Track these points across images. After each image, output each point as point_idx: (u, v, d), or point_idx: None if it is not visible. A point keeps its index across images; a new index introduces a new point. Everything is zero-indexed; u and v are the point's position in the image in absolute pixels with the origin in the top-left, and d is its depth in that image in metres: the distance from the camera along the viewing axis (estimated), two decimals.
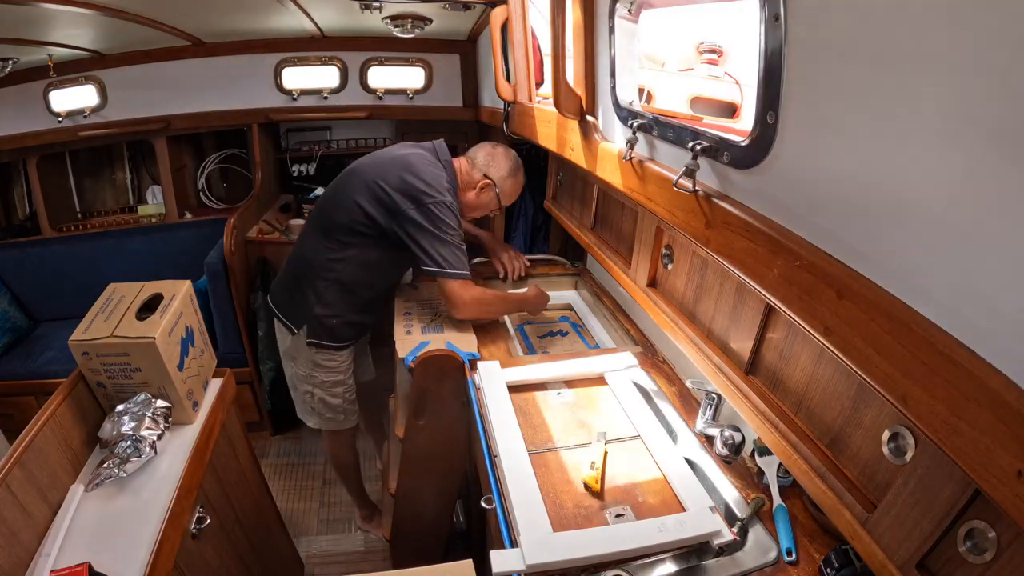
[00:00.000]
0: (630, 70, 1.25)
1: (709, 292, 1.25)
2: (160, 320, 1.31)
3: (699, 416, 1.36)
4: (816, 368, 0.94)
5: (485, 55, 2.60)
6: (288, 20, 2.43)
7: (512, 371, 1.54)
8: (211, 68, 2.76)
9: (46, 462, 1.14)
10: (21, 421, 1.15)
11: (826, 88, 0.69)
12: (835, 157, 0.70)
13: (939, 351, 0.58)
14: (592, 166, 1.43)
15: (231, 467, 1.59)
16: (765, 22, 0.73)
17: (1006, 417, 0.52)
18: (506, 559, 0.99)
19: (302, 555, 2.21)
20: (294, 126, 3.31)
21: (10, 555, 0.99)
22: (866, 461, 0.84)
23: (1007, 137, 0.49)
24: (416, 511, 1.88)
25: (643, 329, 1.83)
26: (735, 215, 0.89)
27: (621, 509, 1.15)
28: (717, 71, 1.50)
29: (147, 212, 3.14)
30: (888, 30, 0.59)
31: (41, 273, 2.85)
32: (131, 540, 1.09)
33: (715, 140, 0.92)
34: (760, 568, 1.03)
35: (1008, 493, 0.52)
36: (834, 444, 0.91)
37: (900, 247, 0.63)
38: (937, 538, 0.69)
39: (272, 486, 2.04)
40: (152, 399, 1.31)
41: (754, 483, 1.22)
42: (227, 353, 2.62)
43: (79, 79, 2.63)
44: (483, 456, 1.33)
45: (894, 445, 0.77)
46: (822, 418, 0.93)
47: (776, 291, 0.83)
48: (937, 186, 0.57)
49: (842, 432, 0.89)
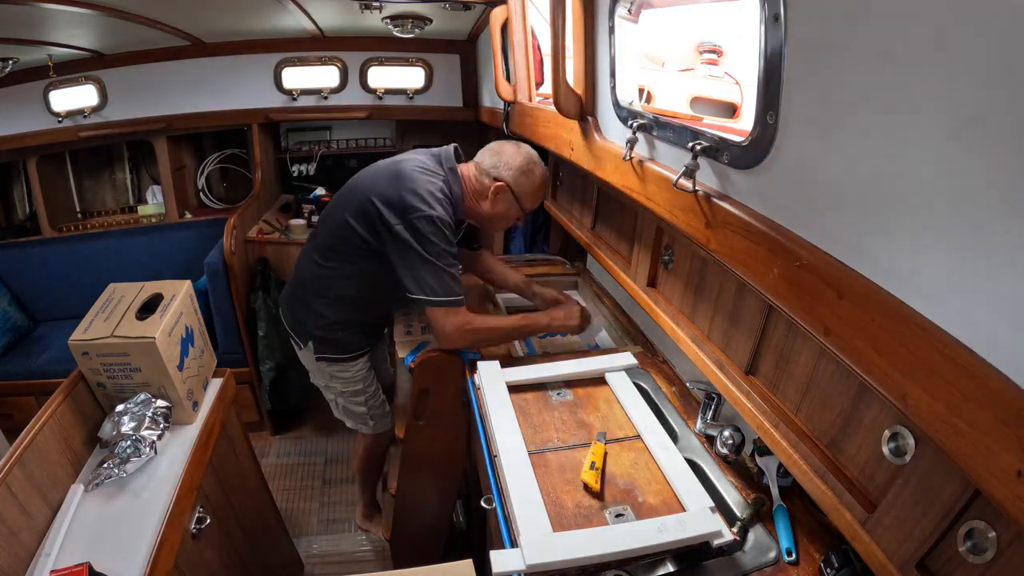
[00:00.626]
0: (630, 70, 1.25)
1: (709, 292, 1.25)
2: (160, 320, 1.31)
3: (699, 416, 1.36)
4: (816, 368, 0.94)
5: (485, 55, 2.60)
6: (288, 20, 2.43)
7: (512, 371, 1.54)
8: (211, 68, 2.76)
9: (46, 462, 1.14)
10: (21, 421, 1.15)
11: (826, 88, 0.69)
12: (835, 157, 0.70)
13: (939, 351, 0.58)
14: (592, 166, 1.43)
15: (231, 467, 1.59)
16: (765, 22, 0.73)
17: (1006, 417, 0.52)
18: (506, 559, 0.99)
19: (302, 555, 2.21)
20: (294, 126, 3.32)
21: (10, 555, 0.99)
22: (866, 461, 0.84)
23: (1008, 136, 0.49)
24: (416, 511, 1.88)
25: (643, 329, 1.83)
26: (735, 215, 0.89)
27: (621, 509, 1.15)
28: (717, 71, 1.50)
29: (147, 212, 3.14)
30: (888, 30, 0.59)
31: (41, 273, 2.85)
32: (131, 540, 1.09)
33: (715, 140, 0.92)
34: (760, 568, 1.03)
35: (1008, 493, 0.52)
36: (834, 444, 0.91)
37: (900, 247, 0.63)
38: (937, 538, 0.69)
39: (272, 486, 2.04)
40: (152, 399, 1.31)
41: (754, 483, 1.22)
42: (227, 353, 2.62)
43: (79, 79, 2.63)
44: (483, 456, 1.33)
45: (894, 445, 0.77)
46: (822, 418, 0.93)
47: (776, 291, 0.83)
48: (937, 186, 0.57)
49: (842, 432, 0.89)
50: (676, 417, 1.43)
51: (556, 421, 1.40)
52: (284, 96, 2.90)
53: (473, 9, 2.19)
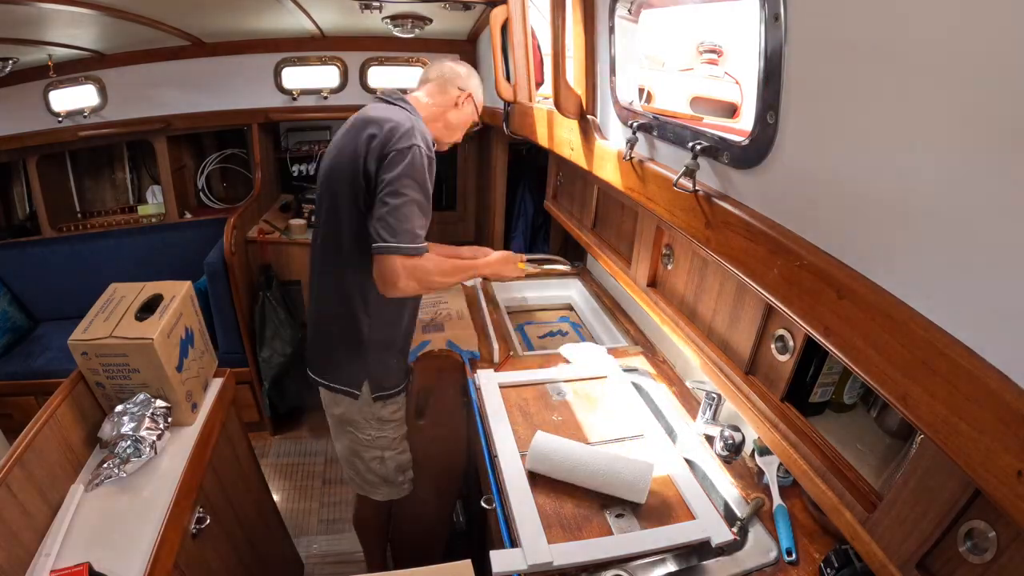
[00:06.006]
0: (630, 70, 1.25)
1: (709, 292, 1.25)
2: (159, 321, 1.31)
3: (699, 416, 1.36)
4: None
5: (485, 55, 2.59)
6: (288, 20, 2.43)
7: (512, 373, 1.54)
8: (211, 68, 2.76)
9: (46, 462, 1.14)
10: (21, 421, 1.15)
11: (826, 88, 0.69)
12: (835, 157, 0.70)
13: (939, 351, 0.58)
14: (592, 166, 1.43)
15: (231, 467, 1.59)
16: (765, 22, 0.73)
17: (1006, 417, 0.52)
18: (506, 559, 0.99)
19: (302, 555, 2.21)
20: (294, 126, 3.32)
21: (10, 555, 0.99)
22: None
23: (1008, 136, 0.49)
24: (416, 511, 1.88)
25: (643, 329, 1.83)
26: (735, 215, 0.89)
27: (621, 509, 1.15)
28: (717, 71, 1.49)
29: (147, 212, 3.14)
30: (888, 30, 0.59)
31: (41, 273, 2.85)
32: (131, 540, 1.09)
33: (715, 140, 0.92)
34: (760, 568, 1.03)
35: (1008, 493, 0.52)
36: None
37: (900, 247, 0.63)
38: (937, 538, 0.69)
39: (272, 486, 2.04)
40: (152, 399, 1.31)
41: (754, 483, 1.22)
42: (227, 353, 2.62)
43: (79, 79, 2.63)
44: (483, 456, 1.33)
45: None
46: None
47: (776, 291, 0.82)
48: (937, 186, 0.57)
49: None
50: (676, 417, 1.43)
51: (556, 421, 1.40)
52: (284, 96, 2.90)
53: (473, 9, 2.19)
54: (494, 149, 2.90)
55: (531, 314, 2.21)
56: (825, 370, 1.01)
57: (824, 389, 1.04)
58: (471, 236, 3.62)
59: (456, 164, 3.44)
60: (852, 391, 1.05)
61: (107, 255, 2.91)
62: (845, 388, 1.04)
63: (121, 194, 3.22)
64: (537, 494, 1.15)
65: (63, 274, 2.84)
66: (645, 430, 1.35)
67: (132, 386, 1.32)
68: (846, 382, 1.04)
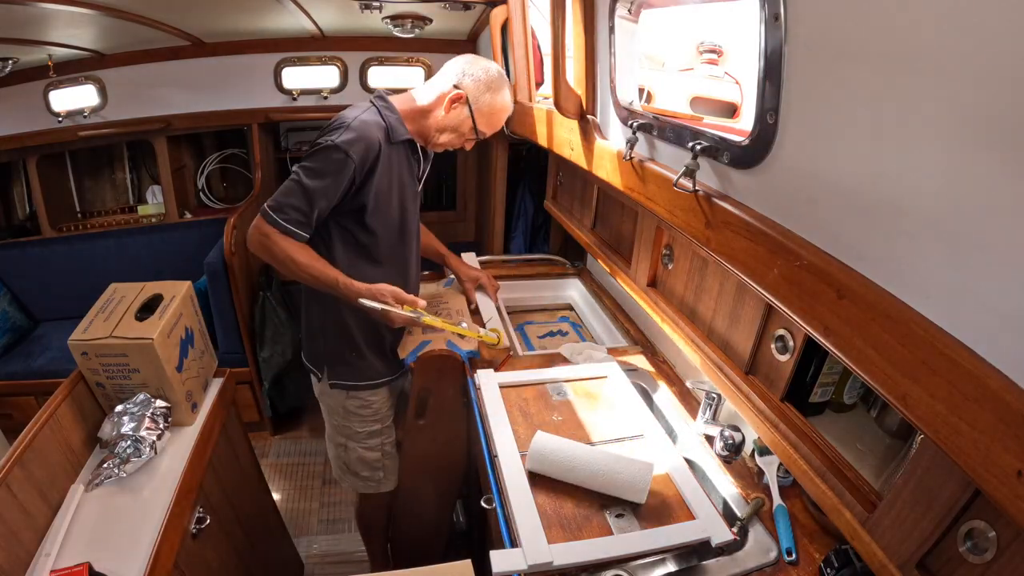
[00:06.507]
0: (630, 70, 1.25)
1: (709, 292, 1.25)
2: (159, 321, 1.31)
3: (699, 416, 1.36)
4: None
5: (485, 55, 2.59)
6: (288, 20, 2.43)
7: (512, 372, 1.54)
8: (211, 68, 2.76)
9: (46, 462, 1.14)
10: (21, 421, 1.15)
11: (826, 88, 0.69)
12: (835, 157, 0.70)
13: (939, 351, 0.58)
14: (592, 166, 1.43)
15: (231, 467, 1.59)
16: (765, 22, 0.73)
17: (1006, 417, 0.52)
18: (506, 559, 0.99)
19: (302, 555, 2.21)
20: (294, 126, 3.32)
21: (10, 555, 0.99)
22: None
23: (1007, 137, 0.49)
24: (416, 511, 1.88)
25: (643, 329, 1.83)
26: (735, 215, 0.89)
27: (621, 509, 1.15)
28: (717, 71, 1.50)
29: (147, 212, 3.14)
30: (888, 30, 0.59)
31: (41, 273, 2.85)
32: (131, 540, 1.09)
33: (715, 140, 0.92)
34: (760, 568, 1.03)
35: (1008, 493, 0.52)
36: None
37: (900, 247, 0.63)
38: (937, 538, 0.69)
39: (272, 486, 2.04)
40: (151, 399, 1.31)
41: (754, 483, 1.22)
42: (227, 353, 2.62)
43: (79, 79, 2.63)
44: (483, 456, 1.33)
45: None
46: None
47: (776, 291, 0.83)
48: (937, 186, 0.57)
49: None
50: (676, 417, 1.43)
51: (556, 421, 1.40)
52: (284, 96, 2.90)
53: (473, 9, 2.19)
54: (494, 149, 2.90)
55: (531, 314, 2.21)
56: (825, 370, 1.01)
57: (824, 389, 1.04)
58: (471, 236, 3.62)
59: (456, 164, 3.44)
60: (852, 391, 1.05)
61: (107, 255, 2.91)
62: (845, 388, 1.05)
63: (121, 194, 3.22)
64: (537, 494, 1.15)
65: (63, 274, 2.84)
66: (645, 430, 1.35)
67: (132, 386, 1.32)
68: (846, 382, 1.04)
